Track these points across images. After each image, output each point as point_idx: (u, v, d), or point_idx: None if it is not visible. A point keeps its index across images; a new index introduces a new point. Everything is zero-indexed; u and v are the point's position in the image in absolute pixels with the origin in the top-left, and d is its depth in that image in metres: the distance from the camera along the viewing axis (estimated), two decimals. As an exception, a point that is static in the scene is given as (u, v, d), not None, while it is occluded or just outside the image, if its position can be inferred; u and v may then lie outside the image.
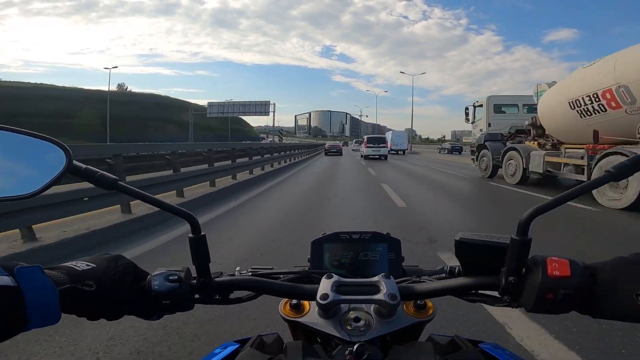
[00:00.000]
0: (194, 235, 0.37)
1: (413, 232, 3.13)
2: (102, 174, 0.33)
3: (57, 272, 0.29)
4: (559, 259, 0.32)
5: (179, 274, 0.35)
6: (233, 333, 1.47)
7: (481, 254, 0.36)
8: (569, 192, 0.31)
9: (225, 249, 2.63)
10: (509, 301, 0.34)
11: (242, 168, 7.28)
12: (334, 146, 24.54)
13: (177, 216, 0.36)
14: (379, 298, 0.35)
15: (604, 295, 0.30)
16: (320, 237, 0.46)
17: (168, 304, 0.35)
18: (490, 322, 1.55)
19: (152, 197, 0.36)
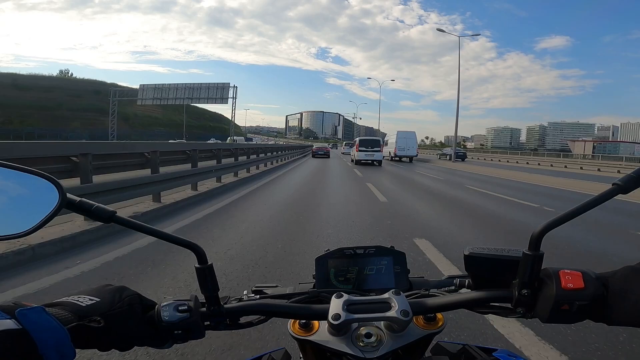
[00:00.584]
0: (201, 266, 0.38)
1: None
2: (98, 207, 0.33)
3: (61, 310, 0.30)
4: (571, 272, 0.34)
5: (188, 304, 0.36)
6: (242, 351, 1.46)
7: (491, 267, 0.37)
8: (579, 207, 0.33)
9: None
10: (523, 312, 0.36)
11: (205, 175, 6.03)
12: (322, 149, 24.93)
13: (182, 247, 0.37)
14: (392, 315, 0.36)
15: (617, 303, 0.33)
16: (325, 253, 0.47)
17: (179, 334, 0.36)
18: (491, 328, 1.63)
19: (152, 228, 0.36)
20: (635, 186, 0.32)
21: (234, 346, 1.48)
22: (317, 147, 26.68)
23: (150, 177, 4.17)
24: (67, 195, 0.32)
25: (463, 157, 29.31)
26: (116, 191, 3.49)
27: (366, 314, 0.37)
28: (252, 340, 1.51)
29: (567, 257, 2.82)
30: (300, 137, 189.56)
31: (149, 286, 2.09)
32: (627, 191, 0.32)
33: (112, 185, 3.49)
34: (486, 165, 21.02)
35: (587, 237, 3.51)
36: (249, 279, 2.23)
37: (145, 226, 0.36)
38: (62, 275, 2.26)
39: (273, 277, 2.27)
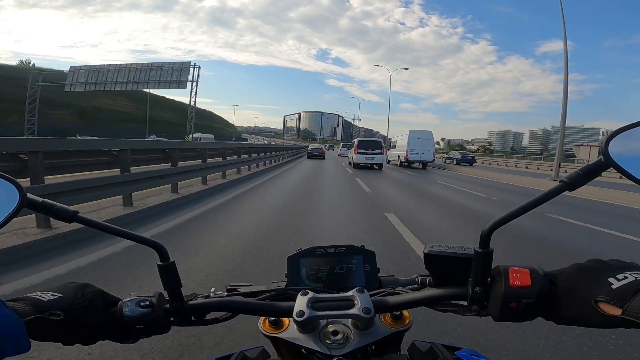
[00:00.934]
0: (163, 263, 0.39)
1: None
2: (60, 207, 0.35)
3: (22, 304, 0.32)
4: (520, 269, 0.35)
5: (150, 300, 0.38)
6: (216, 349, 1.50)
7: (449, 265, 0.39)
8: (527, 204, 0.34)
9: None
10: (477, 310, 0.38)
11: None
12: (317, 149, 24.88)
13: (143, 245, 0.38)
14: (354, 312, 0.38)
15: (565, 302, 0.33)
16: (296, 252, 0.49)
17: (142, 329, 0.38)
18: (466, 325, 1.67)
19: (115, 227, 0.37)
20: (581, 183, 0.33)
21: (208, 343, 1.52)
22: (312, 147, 26.43)
23: (119, 177, 3.87)
24: (27, 195, 0.32)
25: (471, 161, 26.68)
26: (73, 192, 3.22)
27: (330, 311, 0.39)
28: (232, 338, 1.55)
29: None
30: (298, 138, 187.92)
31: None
32: (572, 188, 0.33)
33: (70, 186, 3.23)
34: (504, 171, 18.54)
35: (418, 182, 6.53)
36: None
37: (108, 226, 0.37)
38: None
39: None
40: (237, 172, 8.79)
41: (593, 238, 4.06)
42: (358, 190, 7.31)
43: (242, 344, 1.45)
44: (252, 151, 11.13)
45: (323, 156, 23.39)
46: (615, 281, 0.30)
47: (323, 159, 22.37)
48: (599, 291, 0.30)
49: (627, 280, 0.30)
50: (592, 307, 0.30)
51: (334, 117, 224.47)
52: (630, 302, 0.28)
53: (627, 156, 0.31)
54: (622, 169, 0.31)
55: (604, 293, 0.30)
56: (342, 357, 0.39)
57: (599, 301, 0.30)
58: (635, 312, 0.28)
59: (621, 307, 0.29)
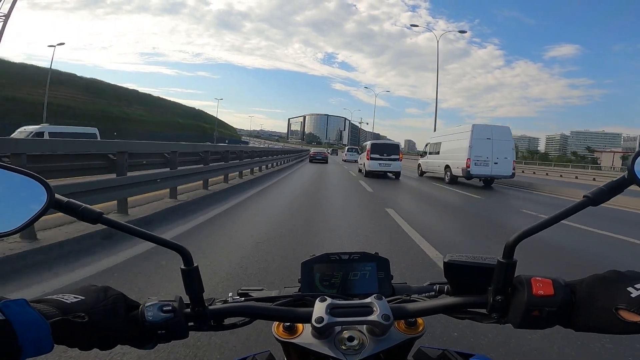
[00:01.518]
0: (187, 267, 0.40)
1: None
2: (86, 208, 0.36)
3: (46, 305, 0.32)
4: (542, 279, 0.37)
5: (172, 304, 0.39)
6: (227, 353, 1.55)
7: (469, 274, 0.41)
8: (552, 217, 0.37)
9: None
10: (497, 318, 0.40)
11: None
12: (320, 153, 25.69)
13: (167, 248, 0.40)
14: (373, 319, 0.40)
15: (585, 310, 0.36)
16: (310, 258, 0.51)
17: (163, 334, 0.38)
18: (477, 333, 1.74)
19: (138, 229, 0.39)
20: (605, 199, 0.35)
21: (219, 348, 1.56)
22: (314, 151, 27.41)
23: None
24: (55, 196, 0.34)
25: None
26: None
27: (348, 317, 0.40)
28: (237, 342, 1.60)
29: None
30: (302, 141, 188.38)
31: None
32: (597, 203, 0.36)
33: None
34: (579, 185, 13.95)
35: (490, 213, 6.31)
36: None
37: (132, 227, 0.38)
38: None
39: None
40: (225, 180, 7.42)
41: (611, 245, 4.15)
42: (394, 239, 3.83)
43: (249, 349, 1.52)
44: (243, 155, 9.26)
45: (326, 160, 24.16)
46: (634, 290, 0.34)
47: (326, 163, 22.92)
48: (618, 300, 0.33)
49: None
50: (613, 314, 0.33)
51: (340, 120, 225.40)
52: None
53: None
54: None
55: (624, 301, 0.33)
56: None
57: (619, 309, 0.33)
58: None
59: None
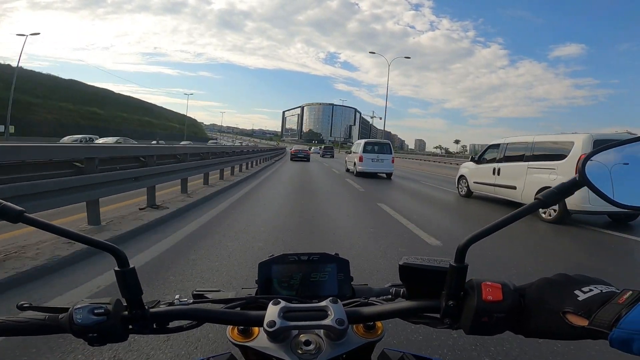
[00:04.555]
0: (121, 269, 0.44)
1: None
2: (5, 205, 0.40)
3: None
4: (492, 284, 0.43)
5: (105, 307, 0.43)
6: (180, 356, 1.76)
7: (423, 277, 0.47)
8: (503, 220, 0.42)
9: None
10: (450, 324, 0.46)
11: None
12: (301, 151, 28.37)
13: (100, 249, 0.44)
14: (327, 323, 0.45)
15: (533, 315, 0.41)
16: (268, 259, 0.58)
17: (95, 337, 0.43)
18: (436, 336, 2.06)
19: (64, 229, 0.42)
20: (556, 201, 0.42)
21: (176, 349, 1.80)
22: (295, 149, 30.23)
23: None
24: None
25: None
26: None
27: (302, 321, 0.45)
28: (196, 343, 1.84)
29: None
30: (299, 139, 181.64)
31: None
32: (547, 205, 0.42)
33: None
34: None
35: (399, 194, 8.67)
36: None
37: (59, 228, 0.42)
38: None
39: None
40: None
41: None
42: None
43: (210, 350, 1.79)
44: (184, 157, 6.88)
45: (308, 158, 26.91)
46: (581, 293, 0.38)
47: (308, 161, 25.57)
48: (566, 303, 0.38)
49: (593, 293, 0.38)
50: (560, 318, 0.38)
51: (348, 112, 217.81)
52: (597, 313, 0.35)
53: (601, 176, 0.40)
54: (596, 188, 0.41)
55: (571, 304, 0.37)
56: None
57: (566, 312, 0.37)
58: (601, 322, 0.35)
59: (587, 318, 0.36)
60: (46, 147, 3.75)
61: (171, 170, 6.10)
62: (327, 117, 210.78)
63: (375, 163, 13.30)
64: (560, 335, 0.38)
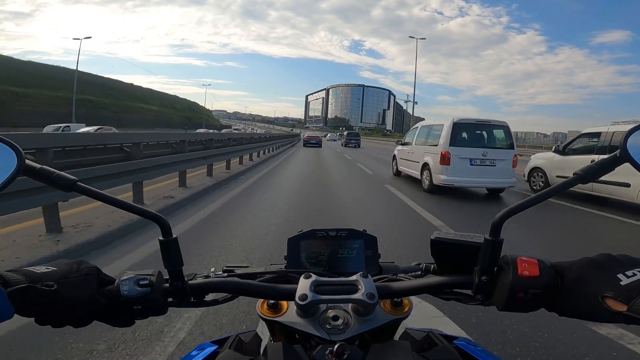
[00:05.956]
0: (165, 239, 0.49)
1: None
2: (59, 175, 0.44)
3: (14, 274, 0.41)
4: (528, 259, 0.46)
5: (149, 278, 0.48)
6: (211, 332, 2.14)
7: (455, 252, 0.52)
8: (541, 194, 0.46)
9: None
10: (482, 300, 0.50)
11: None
12: (313, 137, 32.84)
13: (146, 218, 0.49)
14: (358, 297, 0.49)
15: (570, 295, 0.44)
16: (297, 234, 0.64)
17: (139, 309, 0.47)
18: (460, 317, 2.34)
19: (115, 198, 0.47)
20: (595, 177, 0.45)
21: (204, 325, 2.20)
22: (308, 135, 34.62)
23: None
24: (26, 162, 0.42)
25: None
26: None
27: (333, 295, 0.50)
28: (223, 320, 2.24)
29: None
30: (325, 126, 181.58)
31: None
32: (586, 181, 0.45)
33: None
34: None
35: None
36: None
37: (109, 196, 0.47)
38: None
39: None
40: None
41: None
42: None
43: (238, 327, 2.14)
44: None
45: (320, 144, 30.92)
46: (624, 277, 0.41)
47: (320, 147, 29.25)
48: (607, 287, 0.41)
49: (636, 278, 0.41)
50: (599, 302, 0.41)
51: (380, 96, 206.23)
52: (637, 300, 0.38)
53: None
54: (637, 164, 0.43)
55: (612, 289, 0.40)
56: (343, 342, 0.49)
57: (605, 297, 0.40)
58: (639, 309, 0.38)
59: (627, 304, 0.39)
60: (102, 135, 4.98)
61: (201, 156, 7.49)
62: (356, 101, 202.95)
63: (478, 168, 7.45)
64: (596, 318, 0.41)
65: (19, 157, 0.41)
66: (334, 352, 0.47)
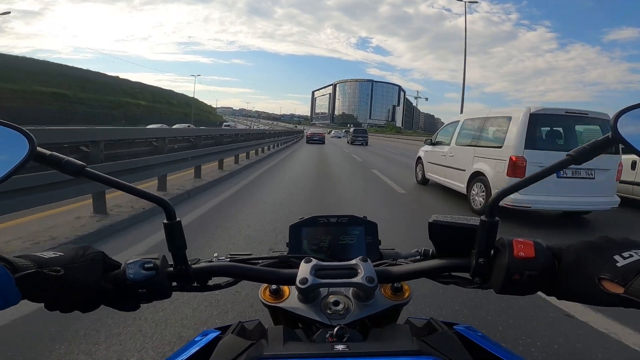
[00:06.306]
0: (169, 222, 0.52)
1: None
2: (69, 160, 0.47)
3: (22, 259, 0.43)
4: (524, 241, 0.49)
5: (154, 262, 0.50)
6: (214, 320, 2.23)
7: (453, 235, 0.55)
8: (534, 175, 0.48)
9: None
10: (480, 283, 0.53)
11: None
12: (316, 134, 34.04)
13: (150, 202, 0.52)
14: (357, 281, 0.52)
15: (568, 278, 0.46)
16: (298, 221, 0.68)
17: (145, 293, 0.50)
18: (462, 303, 2.52)
19: (122, 182, 0.50)
20: (588, 158, 0.46)
21: (207, 312, 2.31)
22: (311, 132, 36.27)
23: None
24: (37, 148, 0.44)
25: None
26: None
27: (333, 279, 0.53)
28: (226, 309, 2.35)
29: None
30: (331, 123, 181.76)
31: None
32: (579, 162, 0.46)
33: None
34: None
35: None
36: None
37: (115, 180, 0.50)
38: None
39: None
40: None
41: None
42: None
43: (241, 315, 2.25)
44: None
45: (323, 141, 32.28)
46: (620, 259, 0.41)
47: (323, 143, 30.72)
48: (603, 269, 0.42)
49: (632, 259, 0.41)
50: (595, 284, 0.41)
51: (390, 91, 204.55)
52: (633, 282, 0.38)
53: (635, 133, 0.44)
54: (629, 144, 0.43)
55: (608, 271, 0.41)
56: (343, 327, 0.51)
57: (602, 279, 0.41)
58: (636, 291, 0.38)
59: (623, 286, 0.39)
60: (131, 129, 5.84)
61: (213, 152, 8.47)
62: (364, 97, 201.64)
63: (568, 183, 5.11)
64: (593, 301, 0.42)
65: (31, 144, 0.43)
66: (334, 335, 0.50)
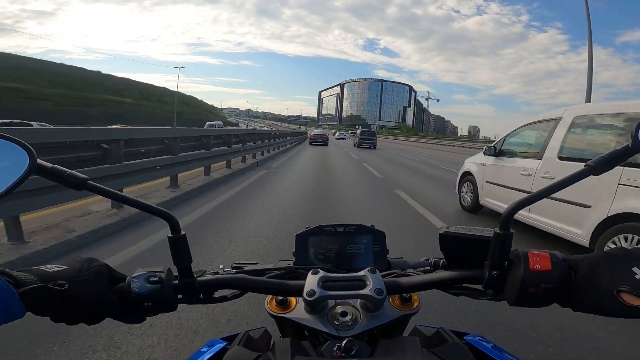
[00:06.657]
0: (174, 235, 0.53)
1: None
2: (71, 174, 0.47)
3: (25, 274, 0.43)
4: (540, 253, 0.49)
5: (159, 275, 0.51)
6: (220, 328, 2.26)
7: (465, 247, 0.55)
8: (550, 187, 0.48)
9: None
10: (493, 295, 0.53)
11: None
12: (320, 135, 34.83)
13: (154, 215, 0.52)
14: (366, 293, 0.52)
15: (584, 290, 0.46)
16: (305, 230, 0.68)
17: (150, 306, 0.51)
18: (475, 312, 2.49)
19: (126, 196, 0.51)
20: (607, 168, 0.46)
21: (214, 322, 2.31)
22: (314, 133, 37.08)
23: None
24: (37, 161, 0.44)
25: None
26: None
27: (341, 291, 0.53)
28: (232, 318, 2.35)
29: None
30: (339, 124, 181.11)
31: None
32: (598, 172, 0.46)
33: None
34: None
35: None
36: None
37: (119, 194, 0.51)
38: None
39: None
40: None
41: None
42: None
43: (247, 324, 2.26)
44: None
45: (326, 143, 32.83)
46: (639, 271, 0.42)
47: (326, 145, 30.63)
48: (622, 281, 0.43)
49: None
50: (614, 296, 0.42)
51: (400, 92, 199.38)
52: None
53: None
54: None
55: (627, 283, 0.42)
56: (351, 338, 0.52)
57: (621, 291, 0.42)
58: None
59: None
60: (149, 129, 6.40)
61: (222, 153, 9.21)
62: (374, 97, 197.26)
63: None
64: (611, 313, 0.43)
65: (31, 157, 0.43)
66: (342, 347, 0.50)
